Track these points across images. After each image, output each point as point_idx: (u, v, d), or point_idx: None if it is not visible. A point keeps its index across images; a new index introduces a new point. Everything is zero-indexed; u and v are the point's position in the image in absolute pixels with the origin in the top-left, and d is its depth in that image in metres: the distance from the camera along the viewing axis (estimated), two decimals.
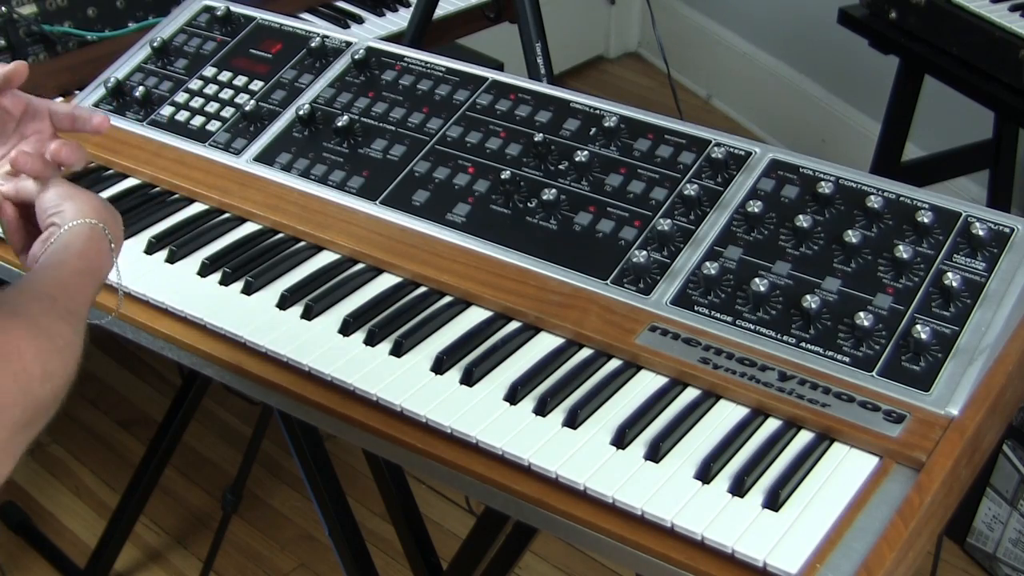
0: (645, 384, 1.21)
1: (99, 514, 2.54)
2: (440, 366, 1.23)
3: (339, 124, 1.52)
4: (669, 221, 1.32)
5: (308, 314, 1.32)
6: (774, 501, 1.05)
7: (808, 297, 1.21)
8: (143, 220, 1.50)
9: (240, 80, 1.67)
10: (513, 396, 1.19)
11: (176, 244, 1.44)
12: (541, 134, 1.43)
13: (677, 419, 1.15)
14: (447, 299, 1.34)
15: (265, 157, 1.55)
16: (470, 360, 1.24)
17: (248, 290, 1.36)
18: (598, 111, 1.46)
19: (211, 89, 1.67)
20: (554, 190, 1.38)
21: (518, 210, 1.39)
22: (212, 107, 1.64)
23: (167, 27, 1.78)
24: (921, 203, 1.28)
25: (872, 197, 1.28)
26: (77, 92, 1.76)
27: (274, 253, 1.43)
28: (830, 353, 1.19)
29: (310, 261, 1.42)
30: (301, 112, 1.55)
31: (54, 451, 2.72)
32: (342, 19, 2.29)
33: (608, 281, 1.30)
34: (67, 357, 0.92)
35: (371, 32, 2.25)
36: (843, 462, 1.10)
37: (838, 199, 1.31)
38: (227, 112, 1.63)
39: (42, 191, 1.13)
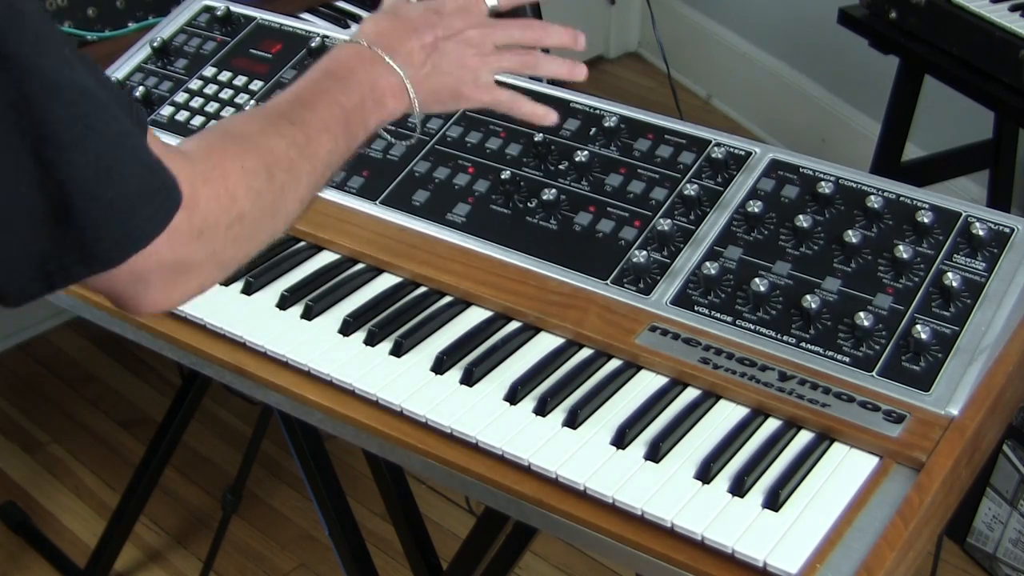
0: (645, 384, 1.21)
1: (99, 514, 2.54)
2: (440, 366, 1.23)
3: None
4: (669, 221, 1.32)
5: (308, 314, 1.32)
6: (774, 501, 1.05)
7: (808, 297, 1.21)
8: None
9: (240, 80, 1.67)
10: (513, 396, 1.19)
11: None
12: (541, 134, 1.43)
13: (677, 419, 1.15)
14: (447, 299, 1.34)
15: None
16: (470, 360, 1.24)
17: (248, 290, 1.37)
18: (598, 111, 1.46)
19: (211, 89, 1.67)
20: (554, 190, 1.38)
21: (518, 210, 1.39)
22: (212, 107, 1.64)
23: (167, 27, 1.78)
24: (921, 203, 1.28)
25: (872, 197, 1.28)
26: None
27: (274, 253, 1.42)
28: (830, 353, 1.19)
29: (310, 261, 1.42)
30: None
31: (54, 451, 2.72)
32: (342, 19, 2.29)
33: (608, 281, 1.30)
34: (284, 177, 0.96)
35: None
36: (843, 462, 1.10)
37: (838, 199, 1.31)
38: (227, 112, 1.63)
39: None
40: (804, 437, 1.14)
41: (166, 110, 1.66)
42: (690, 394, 1.19)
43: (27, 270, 0.83)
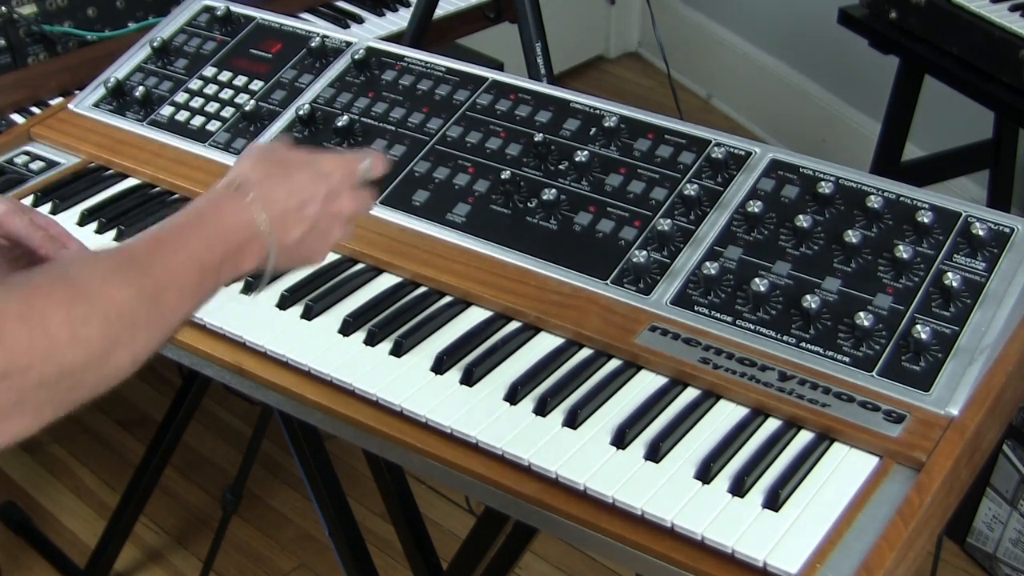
0: (645, 384, 1.21)
1: (99, 514, 2.54)
2: (440, 366, 1.23)
3: (339, 124, 1.52)
4: (669, 221, 1.32)
5: (308, 314, 1.32)
6: (774, 501, 1.05)
7: (808, 297, 1.21)
8: (143, 220, 1.49)
9: (240, 80, 1.67)
10: (513, 396, 1.19)
11: None
12: (541, 134, 1.43)
13: (677, 419, 1.15)
14: (447, 299, 1.34)
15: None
16: (470, 360, 1.24)
17: (248, 290, 1.36)
18: (598, 111, 1.46)
19: (211, 89, 1.67)
20: (554, 190, 1.38)
21: (518, 210, 1.39)
22: (212, 107, 1.64)
23: (167, 27, 1.78)
24: (921, 203, 1.28)
25: (872, 197, 1.28)
26: (77, 92, 1.76)
27: None
28: (830, 353, 1.19)
29: None
30: (301, 112, 1.55)
31: (54, 451, 2.72)
32: (342, 19, 2.29)
33: (608, 281, 1.30)
34: (120, 327, 0.88)
35: (371, 32, 2.25)
36: (843, 462, 1.10)
37: (838, 199, 1.31)
38: (227, 112, 1.63)
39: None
40: (804, 437, 1.14)
41: (166, 110, 1.66)
42: (690, 394, 1.19)
43: None
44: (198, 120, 1.63)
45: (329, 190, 1.12)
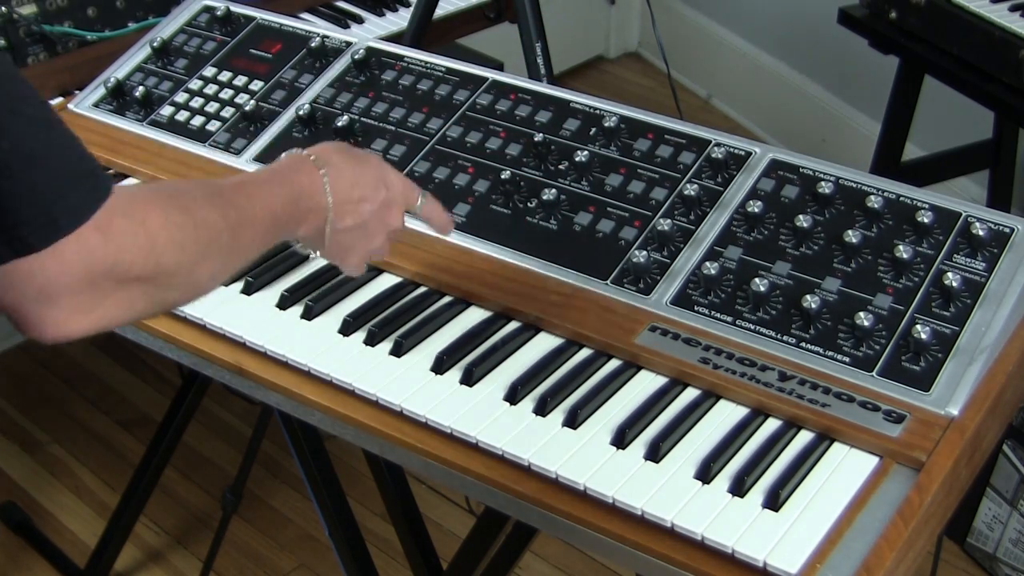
0: (645, 384, 1.21)
1: (99, 514, 2.54)
2: (440, 366, 1.23)
3: (339, 124, 1.52)
4: (669, 221, 1.32)
5: (308, 314, 1.32)
6: (774, 501, 1.05)
7: (808, 297, 1.21)
8: None
9: (240, 80, 1.67)
10: (513, 396, 1.19)
11: None
12: (541, 134, 1.43)
13: (677, 419, 1.15)
14: (447, 299, 1.34)
15: (265, 157, 1.55)
16: (470, 360, 1.24)
17: (248, 290, 1.37)
18: (598, 111, 1.46)
19: (211, 89, 1.67)
20: (554, 190, 1.38)
21: (518, 210, 1.39)
22: (212, 107, 1.64)
23: (167, 27, 1.78)
24: (921, 203, 1.28)
25: (872, 197, 1.28)
26: (77, 92, 1.76)
27: (273, 253, 1.42)
28: (830, 353, 1.19)
29: (310, 261, 1.42)
30: (301, 112, 1.55)
31: (54, 451, 2.72)
32: (342, 19, 2.29)
33: (608, 281, 1.30)
34: (207, 240, 0.98)
35: (371, 32, 2.25)
36: (843, 462, 1.10)
37: (838, 199, 1.31)
38: (227, 112, 1.63)
39: None
40: (804, 437, 1.14)
41: (166, 110, 1.66)
42: (690, 394, 1.19)
43: None
44: (198, 120, 1.63)
45: (388, 198, 1.21)
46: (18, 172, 0.84)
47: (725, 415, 1.17)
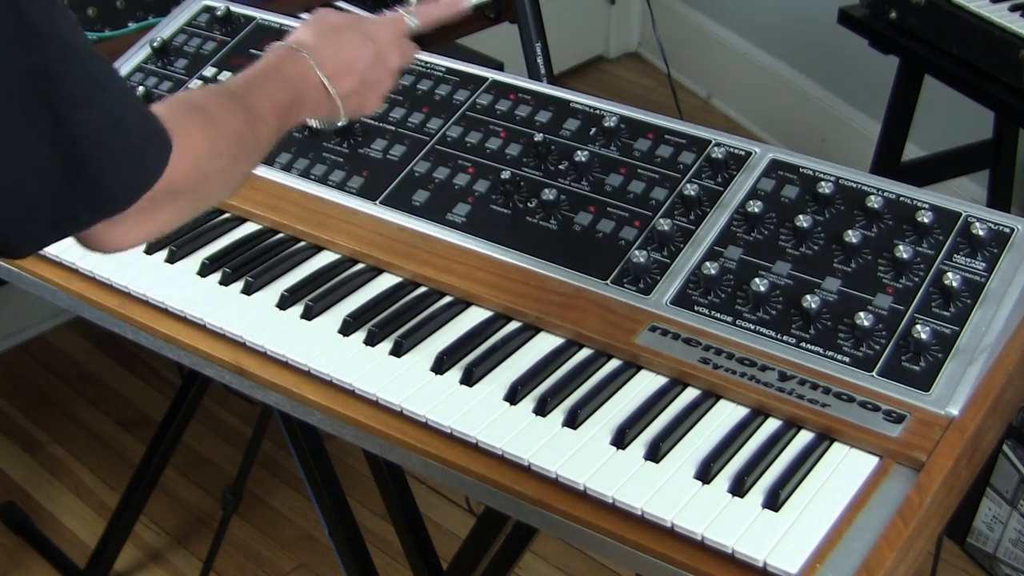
0: (645, 384, 1.21)
1: (99, 514, 2.54)
2: (440, 366, 1.23)
3: (339, 124, 1.52)
4: (669, 221, 1.32)
5: (308, 314, 1.32)
6: (774, 501, 1.05)
7: (808, 297, 1.21)
8: None
9: None
10: (513, 396, 1.19)
11: (176, 244, 1.44)
12: (541, 134, 1.43)
13: (677, 419, 1.15)
14: (447, 299, 1.34)
15: (265, 157, 1.55)
16: (470, 360, 1.24)
17: (248, 290, 1.37)
18: (598, 111, 1.46)
19: None
20: (554, 190, 1.38)
21: (518, 210, 1.39)
22: None
23: (167, 27, 1.78)
24: (921, 203, 1.28)
25: (872, 197, 1.28)
26: None
27: (274, 253, 1.43)
28: (830, 353, 1.19)
29: (310, 261, 1.42)
30: None
31: (54, 451, 2.72)
32: None
33: (608, 281, 1.30)
34: (237, 145, 1.06)
35: None
36: (843, 462, 1.10)
37: (838, 199, 1.31)
38: None
39: None
40: (804, 437, 1.14)
41: None
42: (690, 394, 1.19)
43: (38, 222, 0.91)
44: None
45: (377, 49, 1.27)
46: (107, 141, 0.90)
47: (725, 415, 1.17)
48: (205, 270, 1.40)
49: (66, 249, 1.44)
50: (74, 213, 0.92)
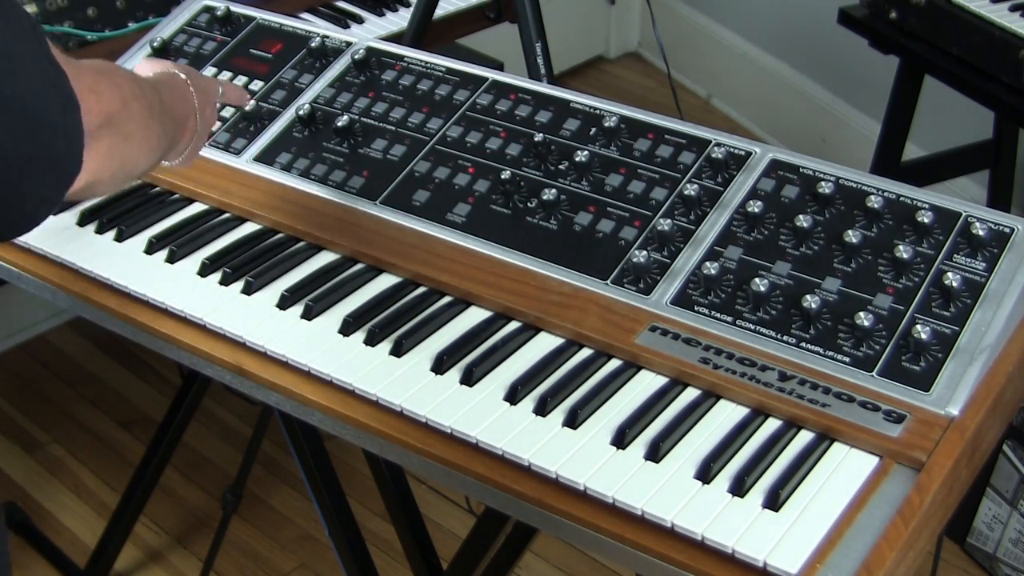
0: (645, 384, 1.21)
1: (99, 514, 2.55)
2: (440, 366, 1.23)
3: (339, 124, 1.52)
4: (669, 221, 1.32)
5: (308, 314, 1.32)
6: (774, 501, 1.05)
7: (808, 297, 1.21)
8: (143, 220, 1.50)
9: (240, 80, 1.67)
10: (513, 396, 1.19)
11: (176, 244, 1.44)
12: (541, 134, 1.43)
13: (677, 419, 1.15)
14: (447, 299, 1.34)
15: (265, 157, 1.55)
16: (470, 360, 1.24)
17: (248, 290, 1.37)
18: (598, 111, 1.46)
19: None
20: (554, 190, 1.38)
21: (518, 210, 1.39)
22: None
23: (167, 27, 1.78)
24: (921, 203, 1.28)
25: (872, 197, 1.28)
26: None
27: (274, 253, 1.43)
28: (830, 353, 1.19)
29: (310, 261, 1.42)
30: (301, 112, 1.55)
31: (54, 451, 2.72)
32: (342, 19, 2.29)
33: (608, 281, 1.30)
34: (148, 106, 1.09)
35: (371, 32, 2.25)
36: (843, 462, 1.10)
37: (838, 199, 1.31)
38: (227, 112, 1.63)
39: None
40: (804, 437, 1.14)
41: None
42: (690, 394, 1.19)
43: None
44: None
45: (212, 101, 1.39)
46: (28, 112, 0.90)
47: (725, 415, 1.17)
48: (205, 270, 1.40)
49: (66, 249, 1.44)
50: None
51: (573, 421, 1.15)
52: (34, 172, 0.91)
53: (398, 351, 1.26)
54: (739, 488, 1.07)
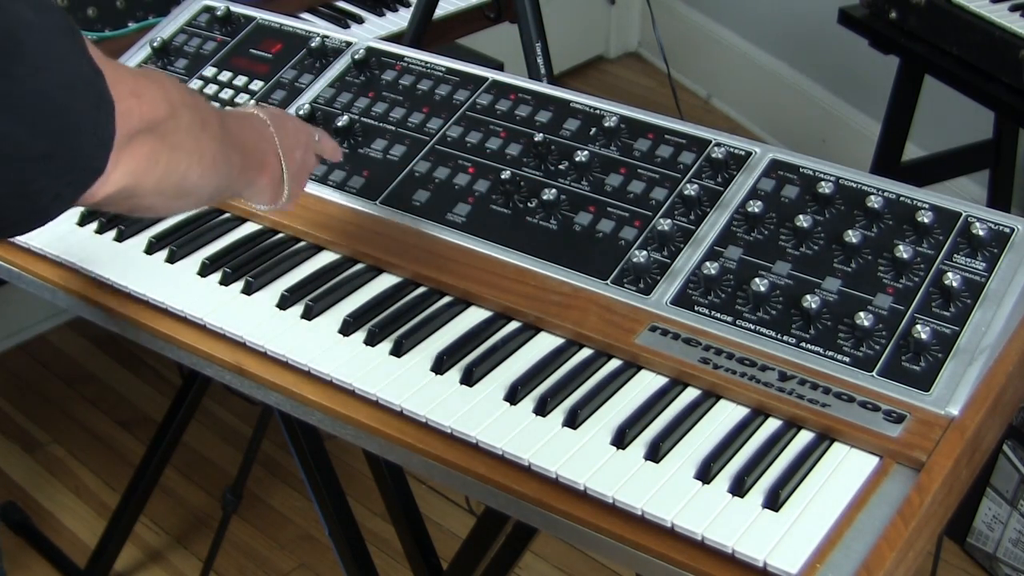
0: (645, 384, 1.21)
1: (99, 514, 2.55)
2: (440, 366, 1.23)
3: (339, 124, 1.52)
4: (669, 221, 1.32)
5: (308, 314, 1.32)
6: (774, 501, 1.05)
7: (808, 297, 1.21)
8: (143, 220, 1.49)
9: (240, 80, 1.67)
10: (513, 396, 1.19)
11: (176, 244, 1.44)
12: (541, 134, 1.43)
13: (677, 419, 1.15)
14: (447, 299, 1.34)
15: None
16: (470, 360, 1.24)
17: (248, 290, 1.37)
18: (598, 111, 1.46)
19: (211, 89, 1.67)
20: (554, 190, 1.38)
21: (518, 210, 1.39)
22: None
23: (167, 27, 1.78)
24: (921, 203, 1.28)
25: (872, 197, 1.28)
26: None
27: (274, 253, 1.43)
28: (830, 353, 1.19)
29: (310, 261, 1.42)
30: (301, 112, 1.55)
31: (54, 451, 2.72)
32: (342, 19, 2.29)
33: (608, 281, 1.30)
34: (203, 122, 1.07)
35: (371, 32, 2.25)
36: (843, 462, 1.10)
37: (838, 199, 1.31)
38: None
39: None
40: (804, 437, 1.14)
41: None
42: (690, 394, 1.19)
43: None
44: None
45: (307, 142, 1.33)
46: (69, 107, 0.89)
47: (725, 415, 1.17)
48: (205, 270, 1.40)
49: (66, 249, 1.44)
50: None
51: (573, 421, 1.15)
52: (53, 169, 0.89)
53: (398, 351, 1.26)
54: (739, 488, 1.07)
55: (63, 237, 1.46)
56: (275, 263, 1.40)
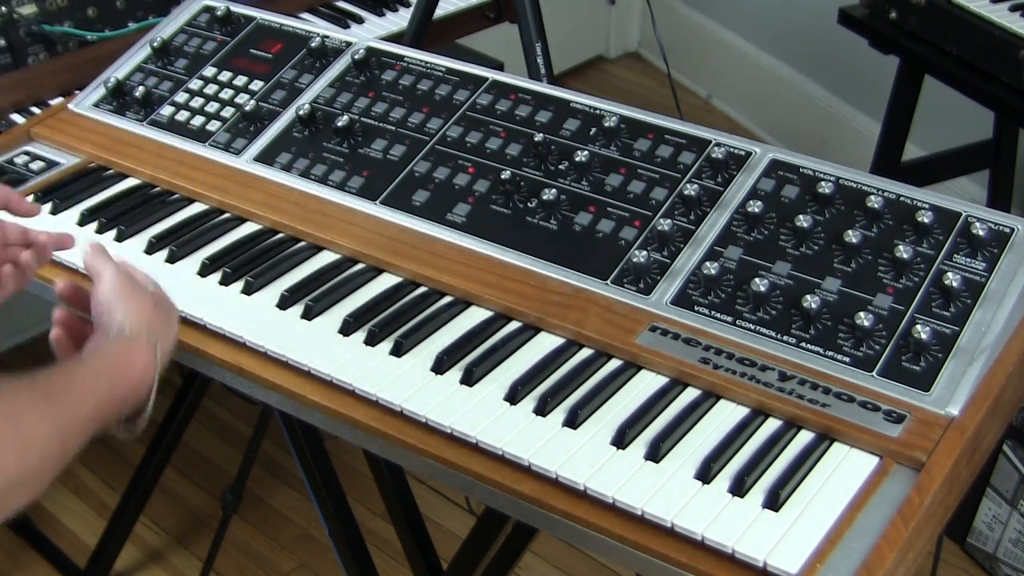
0: (645, 384, 1.21)
1: (99, 514, 2.54)
2: (440, 366, 1.23)
3: (339, 124, 1.52)
4: (669, 221, 1.32)
5: (308, 314, 1.32)
6: (774, 501, 1.05)
7: (808, 297, 1.21)
8: (143, 220, 1.50)
9: (240, 80, 1.67)
10: (513, 396, 1.19)
11: (176, 244, 1.44)
12: (541, 134, 1.43)
13: (677, 419, 1.15)
14: (447, 299, 1.34)
15: (265, 157, 1.55)
16: (470, 360, 1.24)
17: (248, 290, 1.37)
18: (598, 111, 1.46)
19: (211, 89, 1.67)
20: (554, 190, 1.38)
21: (518, 210, 1.39)
22: (212, 107, 1.64)
23: (167, 27, 1.78)
24: (921, 203, 1.28)
25: (872, 197, 1.28)
26: (77, 92, 1.76)
27: (274, 253, 1.43)
28: (830, 353, 1.19)
29: (310, 261, 1.42)
30: (301, 112, 1.55)
31: None
32: (342, 19, 2.29)
33: (608, 281, 1.30)
34: (33, 455, 0.94)
35: (371, 32, 2.25)
36: (843, 462, 1.10)
37: (838, 199, 1.31)
38: (227, 112, 1.63)
39: (97, 284, 1.17)
40: (804, 437, 1.14)
41: (166, 110, 1.66)
42: (690, 394, 1.19)
43: None
44: (198, 120, 1.63)
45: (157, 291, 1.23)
46: None
47: (725, 415, 1.17)
48: (205, 270, 1.40)
49: (66, 249, 1.44)
50: None
51: (573, 421, 1.15)
52: None
53: (398, 351, 1.26)
54: (739, 488, 1.07)
55: None
56: (275, 263, 1.40)
